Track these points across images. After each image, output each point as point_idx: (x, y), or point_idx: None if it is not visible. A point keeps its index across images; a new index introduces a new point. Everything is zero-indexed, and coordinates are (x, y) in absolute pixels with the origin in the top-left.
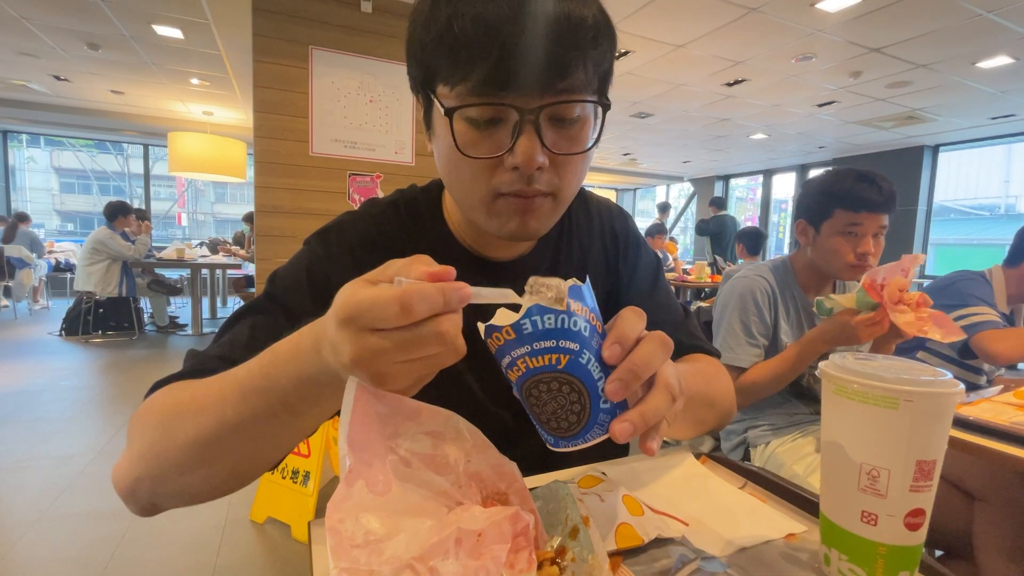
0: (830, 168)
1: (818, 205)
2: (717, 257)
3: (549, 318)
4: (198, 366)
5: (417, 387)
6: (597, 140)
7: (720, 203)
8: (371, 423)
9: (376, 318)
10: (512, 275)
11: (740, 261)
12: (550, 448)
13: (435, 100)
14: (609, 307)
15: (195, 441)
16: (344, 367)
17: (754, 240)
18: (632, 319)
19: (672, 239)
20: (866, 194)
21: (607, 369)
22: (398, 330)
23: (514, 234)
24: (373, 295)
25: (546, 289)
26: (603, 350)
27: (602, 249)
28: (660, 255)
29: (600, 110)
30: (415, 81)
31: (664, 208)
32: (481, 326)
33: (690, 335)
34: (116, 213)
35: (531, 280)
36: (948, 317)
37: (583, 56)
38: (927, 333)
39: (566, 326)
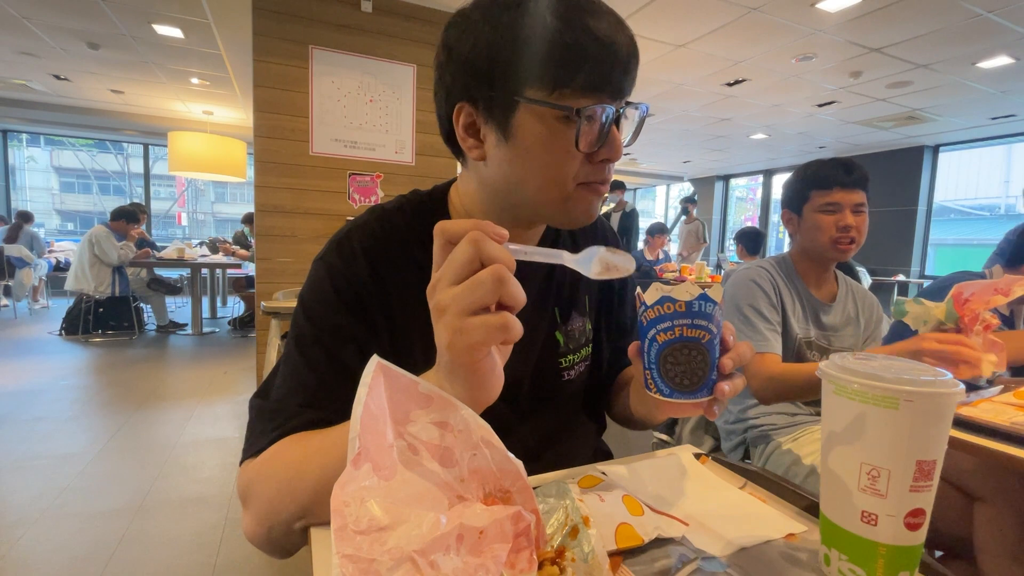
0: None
1: (796, 192)
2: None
3: (709, 305)
4: (291, 421)
5: (501, 354)
6: (638, 131)
7: (623, 186)
8: (384, 406)
9: (445, 276)
10: (521, 274)
11: (739, 261)
12: (661, 398)
13: (530, 104)
14: (604, 302)
15: (321, 477)
16: (438, 338)
17: (753, 240)
18: (731, 326)
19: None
20: (836, 173)
21: (718, 352)
22: (465, 283)
23: (582, 221)
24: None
25: (706, 289)
26: (723, 338)
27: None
28: (662, 254)
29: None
30: (490, 87)
31: (691, 201)
32: (648, 296)
33: None
34: (120, 216)
35: (685, 283)
36: (1004, 346)
37: (636, 68)
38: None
39: (715, 315)
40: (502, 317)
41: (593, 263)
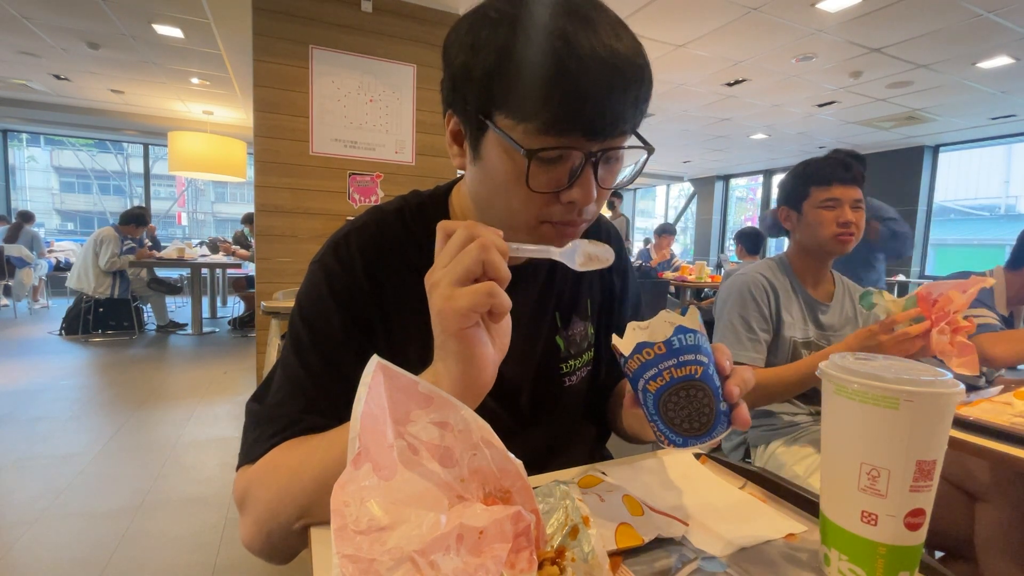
0: None
1: (795, 189)
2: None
3: (690, 336)
4: (289, 428)
5: (496, 347)
6: (636, 176)
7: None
8: (384, 405)
9: (440, 259)
10: (519, 280)
11: (739, 260)
12: (675, 448)
13: (495, 131)
14: (603, 313)
15: (321, 476)
16: (432, 310)
17: (753, 240)
18: (725, 348)
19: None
20: (835, 170)
21: (718, 380)
22: (454, 258)
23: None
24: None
25: (680, 316)
26: (717, 363)
27: None
28: (669, 253)
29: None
30: (465, 103)
31: (616, 195)
32: (623, 345)
33: None
34: (130, 220)
35: (659, 317)
36: (974, 348)
37: (638, 105)
38: (946, 359)
39: (700, 343)
40: (487, 284)
41: (577, 255)
